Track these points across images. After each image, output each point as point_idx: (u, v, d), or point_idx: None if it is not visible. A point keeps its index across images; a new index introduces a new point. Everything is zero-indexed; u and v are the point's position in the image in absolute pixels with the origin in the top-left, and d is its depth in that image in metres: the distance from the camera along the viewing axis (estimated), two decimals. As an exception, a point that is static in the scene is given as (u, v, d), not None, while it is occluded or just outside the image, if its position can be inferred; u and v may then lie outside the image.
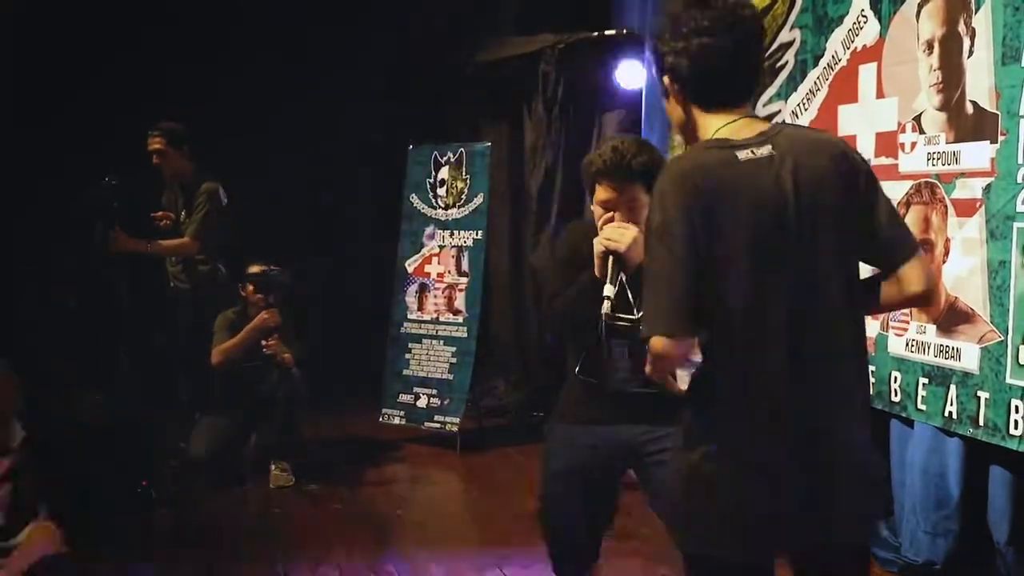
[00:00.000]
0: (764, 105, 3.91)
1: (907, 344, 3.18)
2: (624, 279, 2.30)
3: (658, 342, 1.58)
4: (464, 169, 5.50)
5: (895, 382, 3.22)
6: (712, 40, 1.63)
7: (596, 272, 2.26)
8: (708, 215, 1.57)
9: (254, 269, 4.56)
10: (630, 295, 2.34)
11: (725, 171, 1.60)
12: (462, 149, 5.53)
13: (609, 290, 2.17)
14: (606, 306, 2.14)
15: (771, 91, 3.87)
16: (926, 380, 3.07)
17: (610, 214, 2.33)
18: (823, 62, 3.57)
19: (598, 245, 2.26)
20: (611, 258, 2.22)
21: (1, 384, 2.84)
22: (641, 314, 1.99)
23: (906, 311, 3.16)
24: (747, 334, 1.59)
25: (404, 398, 5.35)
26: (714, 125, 1.68)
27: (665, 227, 1.58)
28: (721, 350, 1.60)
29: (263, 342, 4.44)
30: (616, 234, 2.26)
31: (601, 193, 2.34)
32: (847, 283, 1.65)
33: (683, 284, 1.56)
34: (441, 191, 5.54)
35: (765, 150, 1.62)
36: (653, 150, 2.41)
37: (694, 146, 1.68)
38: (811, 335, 1.61)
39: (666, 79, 1.72)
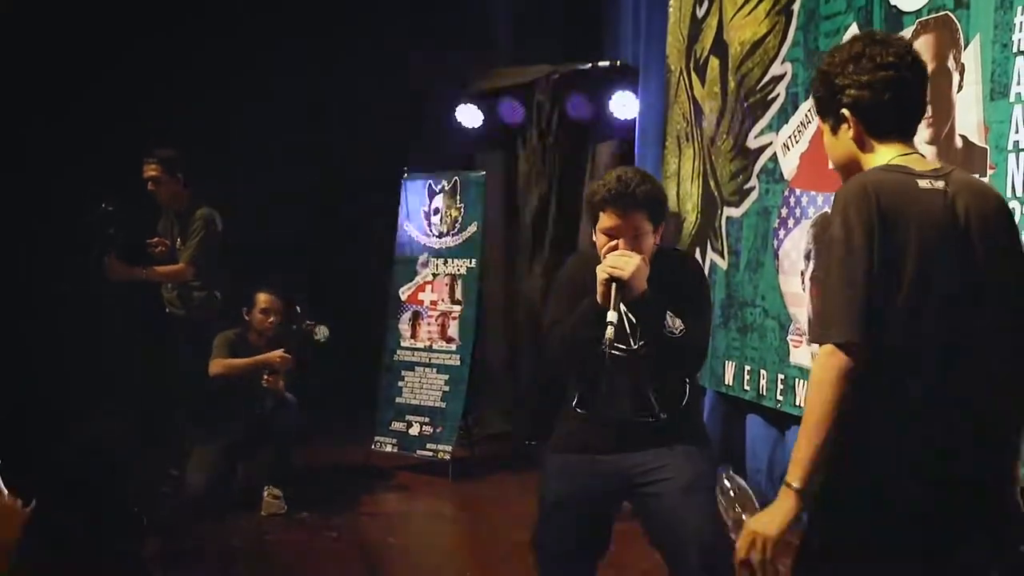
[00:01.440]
0: (755, 137, 3.94)
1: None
2: (624, 309, 2.30)
3: (834, 350, 1.59)
4: (458, 198, 5.52)
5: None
6: (898, 74, 1.73)
7: (599, 299, 2.26)
8: (886, 230, 1.62)
9: (263, 297, 4.57)
10: (628, 325, 2.34)
11: (905, 194, 1.67)
12: (457, 178, 5.57)
13: (612, 316, 2.18)
14: (609, 331, 2.14)
15: (762, 123, 3.89)
16: None
17: (614, 242, 2.35)
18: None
19: (601, 272, 2.26)
20: (614, 285, 2.23)
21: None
22: (641, 344, 1.97)
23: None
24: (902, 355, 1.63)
25: (397, 426, 5.33)
26: (886, 154, 1.75)
27: (846, 238, 1.62)
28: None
29: (265, 375, 4.44)
30: (620, 262, 2.27)
31: (605, 221, 2.36)
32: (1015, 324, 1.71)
33: (864, 293, 1.60)
34: (435, 219, 5.55)
35: (941, 184, 1.71)
36: (655, 180, 2.44)
37: (872, 168, 1.74)
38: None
39: (845, 112, 1.77)
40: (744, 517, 1.81)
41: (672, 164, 4.84)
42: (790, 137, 3.76)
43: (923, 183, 1.69)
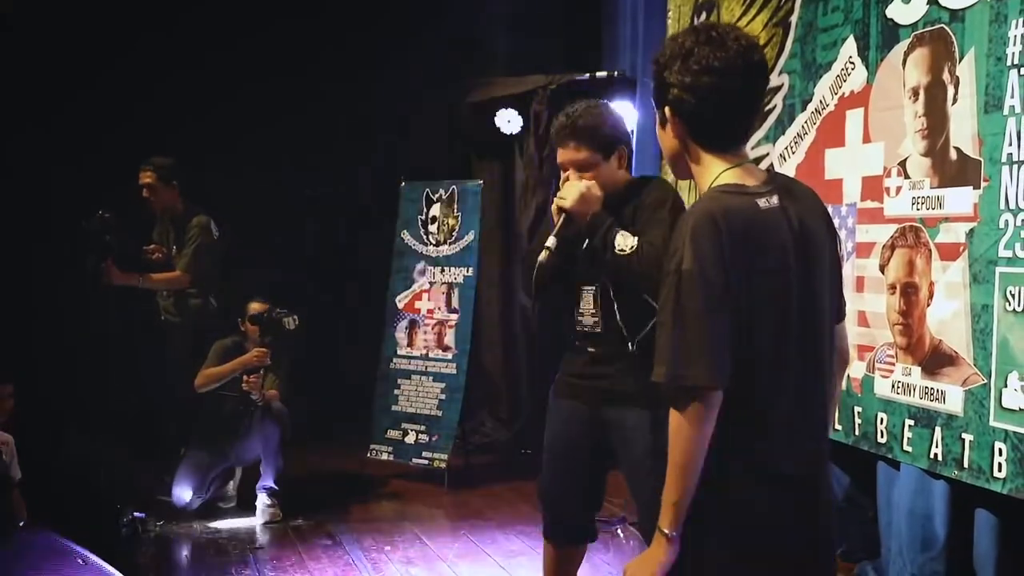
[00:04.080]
0: (752, 148, 3.94)
1: (893, 386, 3.19)
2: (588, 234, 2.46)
3: (695, 392, 1.53)
4: (456, 206, 5.52)
5: (881, 424, 3.23)
6: (722, 81, 1.61)
7: (555, 225, 2.44)
8: (738, 260, 1.56)
9: (255, 306, 4.53)
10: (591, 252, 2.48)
11: (750, 218, 1.60)
12: (454, 187, 5.56)
13: (550, 241, 2.38)
14: (543, 255, 2.35)
15: (759, 134, 3.90)
16: (912, 422, 3.08)
17: (566, 174, 2.54)
18: (811, 107, 3.61)
19: (554, 205, 2.47)
20: (562, 215, 2.43)
21: None
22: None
23: (892, 353, 3.18)
24: (768, 391, 1.61)
25: (392, 434, 5.32)
26: (714, 165, 1.68)
27: (699, 271, 1.53)
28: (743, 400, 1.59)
29: (245, 377, 4.41)
30: (565, 191, 2.47)
31: (559, 156, 2.57)
32: (832, 337, 1.75)
33: (724, 330, 1.54)
34: (432, 228, 5.56)
35: (775, 199, 1.65)
36: (605, 110, 2.61)
37: (711, 190, 1.65)
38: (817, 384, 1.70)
39: (667, 110, 1.69)
40: None
41: (671, 175, 4.82)
42: (787, 148, 3.77)
43: (762, 203, 1.62)
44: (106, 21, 5.18)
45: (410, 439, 5.27)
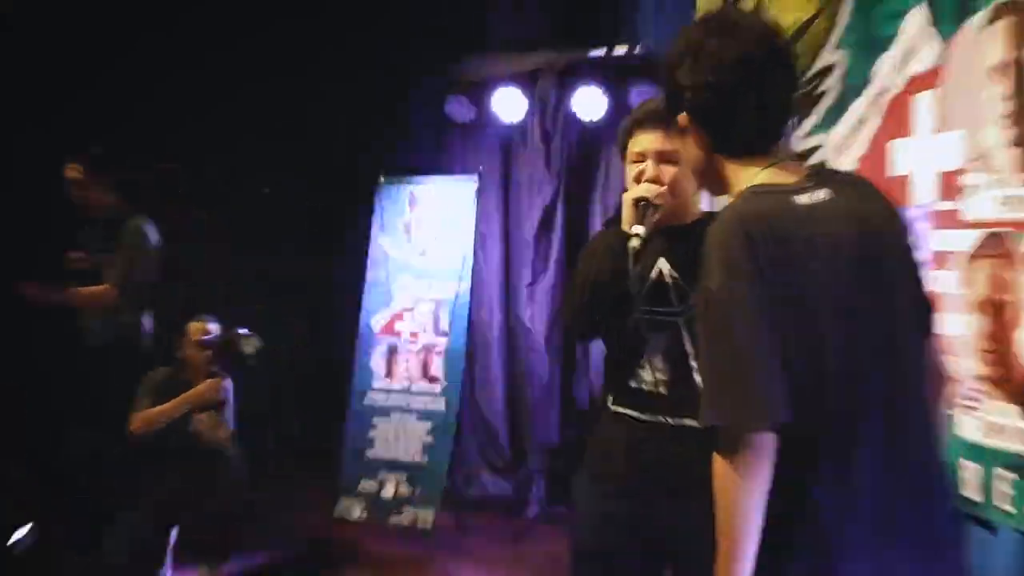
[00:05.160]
0: (803, 138, 3.95)
1: (981, 427, 3.16)
2: (668, 268, 2.39)
3: (738, 439, 1.53)
4: (445, 207, 5.54)
5: (966, 473, 3.19)
6: (740, 77, 1.65)
7: (626, 224, 2.35)
8: (777, 270, 1.56)
9: (199, 327, 4.54)
10: (671, 281, 2.40)
11: (786, 218, 1.61)
12: (443, 183, 5.58)
13: (639, 228, 2.29)
14: (634, 242, 2.26)
15: (812, 122, 3.91)
16: (1010, 474, 3.04)
17: (642, 165, 2.46)
18: (872, 89, 3.60)
19: (628, 196, 2.37)
20: (642, 205, 2.35)
21: None
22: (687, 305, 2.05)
23: (978, 386, 3.16)
24: (842, 419, 1.58)
25: (367, 485, 5.35)
26: (745, 173, 1.71)
27: (729, 288, 1.55)
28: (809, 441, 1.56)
29: (194, 415, 4.41)
30: (649, 187, 2.39)
31: (636, 144, 2.48)
32: (918, 354, 1.71)
33: (765, 360, 1.54)
34: (417, 232, 5.57)
35: (822, 194, 1.66)
36: None
37: (739, 193, 1.68)
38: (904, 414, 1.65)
39: (683, 118, 1.73)
40: None
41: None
42: (845, 138, 3.77)
43: (802, 199, 1.64)
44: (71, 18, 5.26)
45: (388, 492, 5.29)
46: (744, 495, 1.53)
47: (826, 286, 1.59)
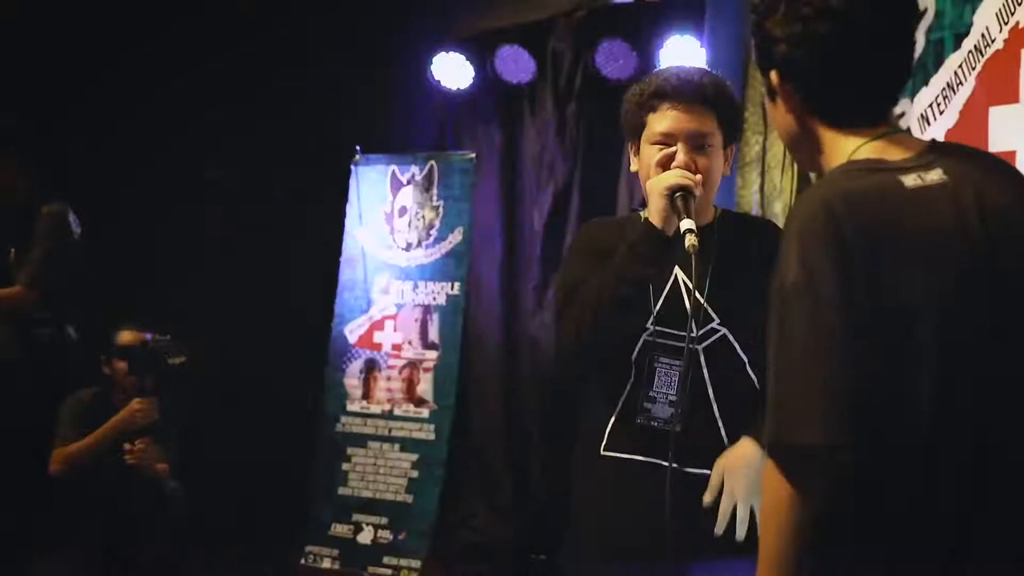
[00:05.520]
0: None
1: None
2: (681, 276, 2.46)
3: (800, 455, 1.57)
4: (436, 191, 5.57)
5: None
6: (849, 26, 1.67)
7: (658, 220, 2.36)
8: (869, 263, 1.58)
9: (126, 336, 4.54)
10: (686, 297, 2.43)
11: (887, 203, 1.63)
12: (433, 163, 5.63)
13: (688, 223, 2.29)
14: (691, 239, 2.26)
15: None
16: None
17: (671, 149, 2.44)
18: (967, 43, 3.62)
19: (661, 182, 2.37)
20: (679, 196, 2.36)
21: None
22: (720, 332, 2.34)
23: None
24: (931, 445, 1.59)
25: (340, 529, 5.37)
26: (846, 144, 1.72)
27: (808, 286, 1.59)
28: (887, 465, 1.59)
29: (125, 445, 4.37)
30: (683, 174, 2.40)
31: (658, 123, 2.47)
32: None
33: (846, 369, 1.56)
34: (401, 223, 5.58)
35: (935, 175, 1.65)
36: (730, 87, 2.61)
37: (834, 170, 1.71)
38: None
39: (774, 76, 1.76)
40: None
41: (754, 145, 4.84)
42: (932, 105, 3.76)
43: (909, 180, 1.65)
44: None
45: (366, 537, 5.30)
46: (797, 523, 1.59)
47: (930, 294, 1.60)
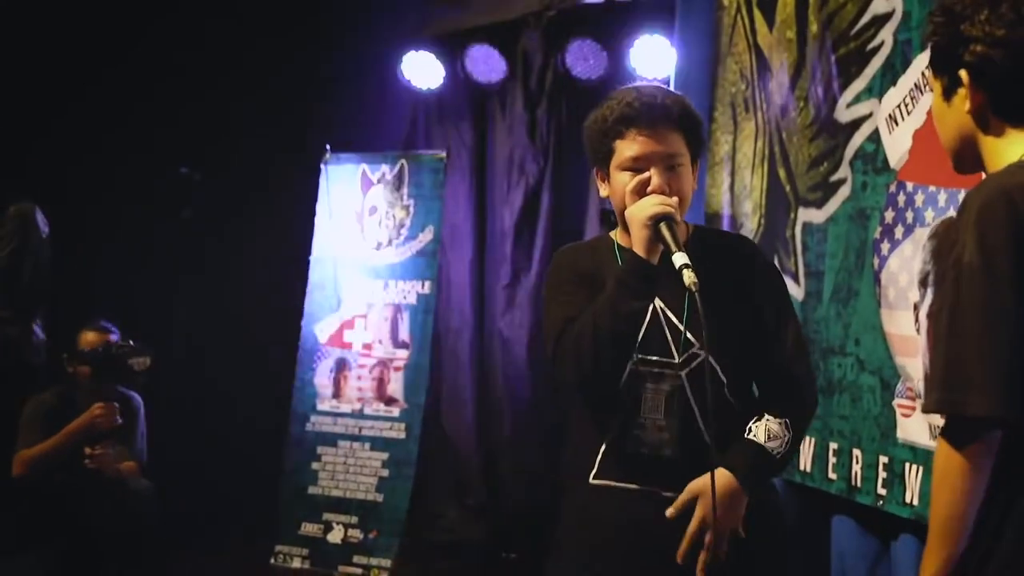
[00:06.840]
0: (848, 106, 3.94)
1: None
2: (661, 304, 2.44)
3: (967, 426, 1.66)
4: (406, 190, 5.58)
5: None
6: None
7: (642, 251, 2.35)
8: None
9: (89, 337, 4.53)
10: (666, 325, 2.44)
11: None
12: (403, 161, 5.63)
13: (682, 257, 2.26)
14: (689, 276, 2.22)
15: (858, 85, 3.87)
16: None
17: (645, 175, 2.42)
18: None
19: (643, 210, 2.35)
20: (664, 225, 2.33)
21: None
22: (701, 356, 2.26)
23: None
24: None
25: (309, 528, 5.37)
26: (1013, 146, 1.81)
27: (986, 267, 1.67)
28: None
29: (87, 449, 4.37)
30: (662, 199, 2.38)
31: (627, 149, 2.44)
32: None
33: (1014, 347, 1.65)
34: (372, 222, 5.59)
35: None
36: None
37: (1011, 164, 1.78)
38: None
39: (963, 74, 1.82)
40: None
41: (723, 144, 4.82)
42: (899, 106, 3.70)
43: None
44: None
45: (336, 536, 5.30)
46: (966, 490, 1.68)
47: None
